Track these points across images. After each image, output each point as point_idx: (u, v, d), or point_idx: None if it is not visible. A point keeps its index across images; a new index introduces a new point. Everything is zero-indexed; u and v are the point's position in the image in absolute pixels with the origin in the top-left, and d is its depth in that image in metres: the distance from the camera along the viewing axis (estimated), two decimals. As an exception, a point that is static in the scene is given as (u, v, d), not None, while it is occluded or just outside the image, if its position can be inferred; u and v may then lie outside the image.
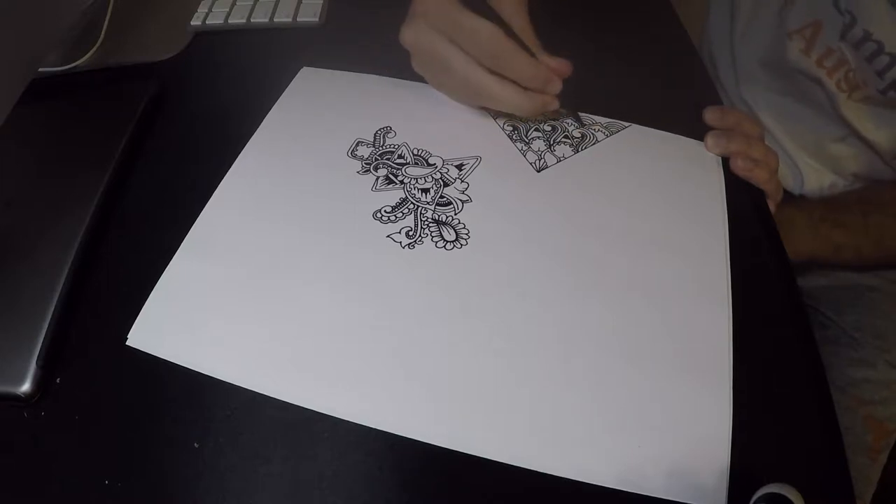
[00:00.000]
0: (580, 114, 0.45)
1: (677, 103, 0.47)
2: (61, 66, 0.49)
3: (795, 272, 0.39)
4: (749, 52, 0.60)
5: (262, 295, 0.35)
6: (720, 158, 0.43)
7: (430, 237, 0.37)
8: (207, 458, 0.30)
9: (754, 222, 0.41)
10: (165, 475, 0.30)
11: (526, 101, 0.39)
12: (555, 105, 0.41)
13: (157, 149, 0.44)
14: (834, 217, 0.54)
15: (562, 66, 0.39)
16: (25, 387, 0.31)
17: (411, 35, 0.40)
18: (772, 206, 0.44)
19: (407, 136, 0.43)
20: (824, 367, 0.34)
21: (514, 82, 0.39)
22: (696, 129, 0.45)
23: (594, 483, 0.29)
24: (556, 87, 0.40)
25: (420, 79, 0.44)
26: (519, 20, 0.39)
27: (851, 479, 0.30)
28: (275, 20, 0.53)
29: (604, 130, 0.45)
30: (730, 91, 0.65)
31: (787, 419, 0.32)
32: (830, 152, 0.58)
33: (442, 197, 0.40)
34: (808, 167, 0.60)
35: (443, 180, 0.41)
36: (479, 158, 0.42)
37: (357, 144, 0.43)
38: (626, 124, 0.45)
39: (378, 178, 0.41)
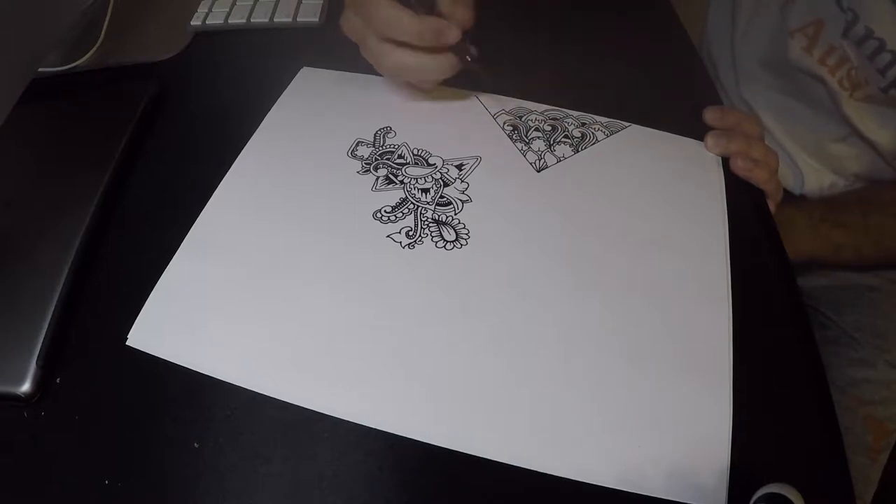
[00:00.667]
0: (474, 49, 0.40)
1: (677, 103, 0.47)
2: (61, 66, 0.49)
3: (795, 272, 0.39)
4: (750, 52, 0.60)
5: (262, 295, 0.35)
6: (720, 158, 0.43)
7: (430, 237, 0.37)
8: (207, 458, 0.30)
9: (754, 222, 0.41)
10: (165, 475, 0.30)
11: (432, 62, 0.39)
12: (470, 53, 0.39)
13: (157, 149, 0.44)
14: (834, 217, 0.54)
15: (459, 12, 0.38)
16: (25, 387, 0.31)
17: (344, 25, 0.41)
18: (772, 206, 0.44)
19: (407, 136, 0.43)
20: (824, 367, 0.34)
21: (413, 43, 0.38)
22: (696, 129, 0.45)
23: (594, 483, 0.29)
24: (452, 36, 0.38)
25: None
26: None
27: (851, 479, 0.30)
28: (275, 20, 0.53)
29: (604, 130, 0.45)
30: (730, 91, 0.65)
31: (787, 419, 0.32)
32: (831, 152, 0.58)
33: (442, 197, 0.40)
34: (809, 167, 0.60)
35: (443, 180, 0.41)
36: (479, 158, 0.42)
37: (357, 144, 0.43)
38: (626, 124, 0.45)
39: (378, 178, 0.41)
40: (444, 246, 0.37)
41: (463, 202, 0.39)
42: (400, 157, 0.42)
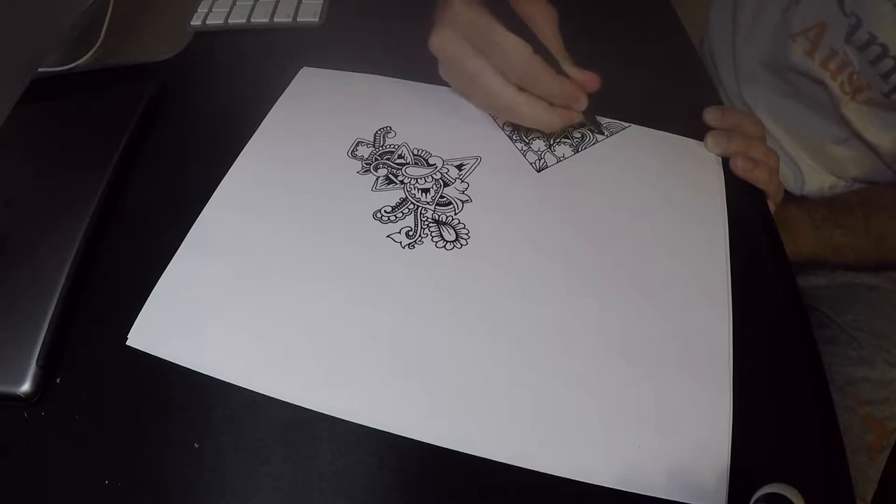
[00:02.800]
0: (598, 118, 0.44)
1: (677, 103, 0.47)
2: (61, 66, 0.49)
3: (795, 272, 0.39)
4: (751, 53, 0.60)
5: (261, 295, 0.35)
6: (720, 158, 0.43)
7: (430, 237, 0.37)
8: (207, 458, 0.30)
9: (754, 222, 0.41)
10: (165, 475, 0.30)
11: (554, 119, 0.39)
12: (579, 118, 0.41)
13: (157, 149, 0.44)
14: (835, 218, 0.54)
15: (589, 79, 0.39)
16: (25, 387, 0.31)
17: (439, 43, 0.39)
18: (772, 207, 0.44)
19: (407, 136, 0.43)
20: (824, 366, 0.34)
21: (542, 97, 0.39)
22: (696, 129, 0.45)
23: (594, 483, 0.29)
24: (583, 103, 0.40)
25: (419, 79, 0.44)
26: (548, 31, 0.38)
27: (851, 478, 0.30)
28: (275, 20, 0.53)
29: (604, 130, 0.45)
30: (731, 91, 0.64)
31: (787, 419, 0.32)
32: (831, 154, 0.58)
33: (442, 197, 0.40)
34: (809, 168, 0.60)
35: (443, 180, 0.41)
36: (479, 158, 0.42)
37: (357, 144, 0.43)
38: (626, 124, 0.45)
39: (378, 178, 0.41)
40: (444, 246, 0.37)
41: (463, 202, 0.39)
42: (400, 157, 0.42)
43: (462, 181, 0.41)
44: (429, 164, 0.42)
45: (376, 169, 0.41)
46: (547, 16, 0.39)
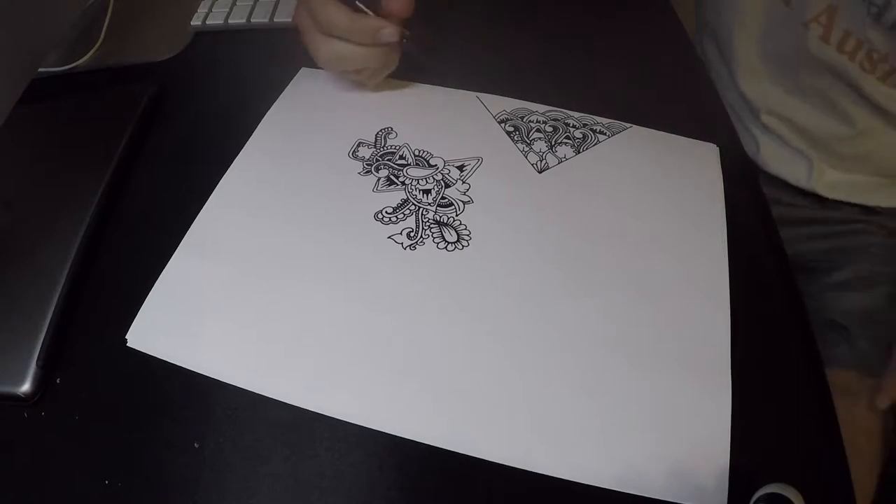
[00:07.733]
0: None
1: (678, 104, 0.47)
2: (61, 66, 0.49)
3: (795, 272, 0.39)
4: (754, 49, 0.59)
5: (261, 295, 0.35)
6: (720, 158, 0.43)
7: (431, 238, 0.37)
8: (207, 458, 0.30)
9: (754, 222, 0.41)
10: (165, 475, 0.30)
11: (368, 52, 0.40)
12: (396, 52, 0.42)
13: (157, 149, 0.44)
14: None
15: (395, 3, 0.39)
16: (25, 387, 0.31)
17: (293, 17, 0.42)
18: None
19: (408, 137, 0.43)
20: (824, 366, 0.34)
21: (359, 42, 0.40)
22: (696, 130, 0.45)
23: (594, 484, 0.29)
24: (388, 34, 0.39)
25: (420, 79, 0.44)
26: None
27: (851, 478, 0.31)
28: (275, 20, 0.53)
29: (605, 131, 0.45)
30: (726, 90, 0.64)
31: (787, 419, 0.32)
32: (839, 152, 0.58)
33: (443, 198, 0.40)
34: (819, 160, 0.60)
35: (444, 181, 0.41)
36: (480, 159, 0.42)
37: (358, 145, 0.43)
38: (627, 125, 0.45)
39: (379, 178, 0.41)
40: (446, 247, 0.37)
41: (464, 203, 0.39)
42: (401, 157, 0.42)
43: (463, 182, 0.41)
44: (430, 165, 0.42)
45: (377, 170, 0.41)
46: None
